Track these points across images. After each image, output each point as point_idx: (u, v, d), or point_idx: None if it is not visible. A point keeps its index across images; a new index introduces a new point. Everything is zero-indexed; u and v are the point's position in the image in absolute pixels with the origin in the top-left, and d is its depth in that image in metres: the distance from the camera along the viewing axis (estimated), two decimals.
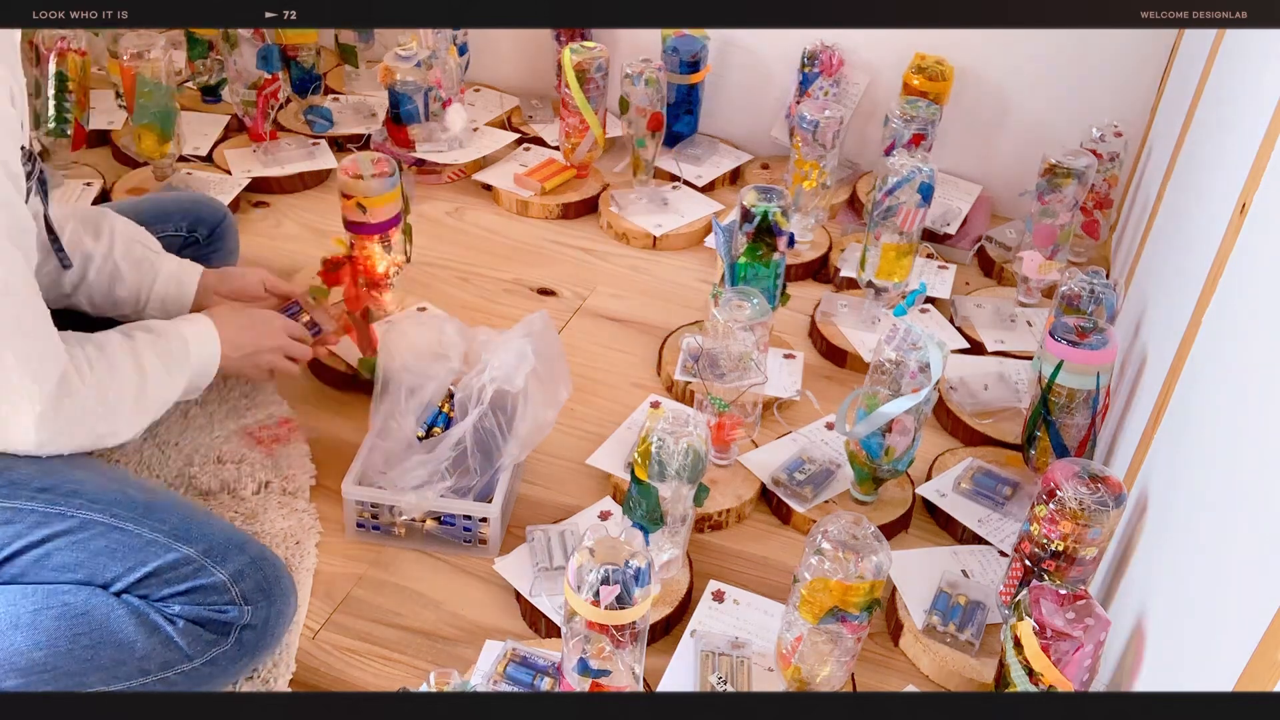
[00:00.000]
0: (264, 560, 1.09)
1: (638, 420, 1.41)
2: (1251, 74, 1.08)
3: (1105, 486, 1.00)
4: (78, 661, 1.02)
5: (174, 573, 1.04)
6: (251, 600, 1.06)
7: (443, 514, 1.23)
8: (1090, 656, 0.90)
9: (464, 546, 1.25)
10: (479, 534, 1.24)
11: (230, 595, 1.06)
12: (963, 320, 1.62)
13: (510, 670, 1.08)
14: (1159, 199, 1.44)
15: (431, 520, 1.24)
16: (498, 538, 1.24)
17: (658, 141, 1.83)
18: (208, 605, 1.05)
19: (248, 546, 1.09)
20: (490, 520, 1.22)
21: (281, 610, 1.09)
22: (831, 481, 1.33)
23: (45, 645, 1.01)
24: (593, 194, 1.88)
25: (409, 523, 1.24)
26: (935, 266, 1.75)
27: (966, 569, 1.23)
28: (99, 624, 1.02)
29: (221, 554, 1.06)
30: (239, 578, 1.06)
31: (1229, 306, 0.92)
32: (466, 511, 1.22)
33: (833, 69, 1.88)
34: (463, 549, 1.25)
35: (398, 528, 1.25)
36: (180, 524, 1.07)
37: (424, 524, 1.24)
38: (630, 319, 1.64)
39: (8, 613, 1.02)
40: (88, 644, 1.02)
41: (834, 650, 1.03)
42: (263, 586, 1.07)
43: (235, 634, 1.06)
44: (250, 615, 1.06)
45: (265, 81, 1.84)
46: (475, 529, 1.23)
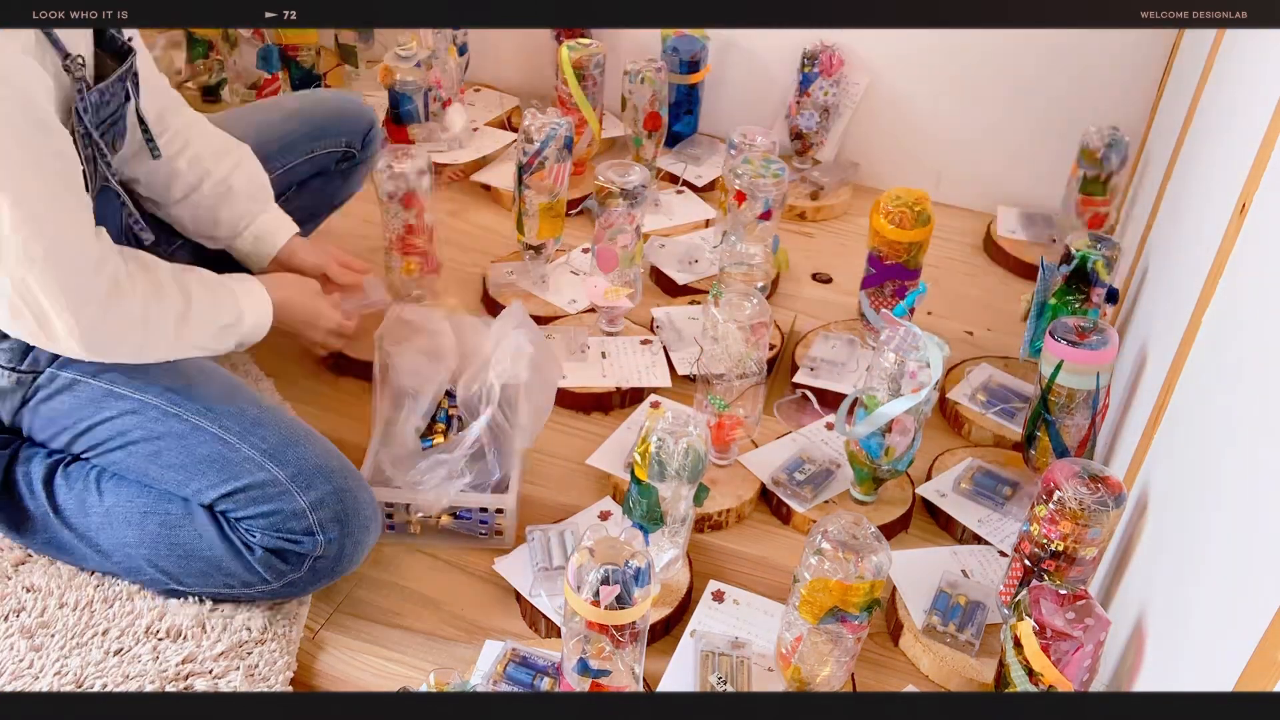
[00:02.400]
0: (346, 492, 1.13)
1: (638, 420, 1.41)
2: (1251, 74, 1.08)
3: (1105, 486, 1.01)
4: (175, 564, 1.13)
5: (259, 491, 1.11)
6: (326, 529, 1.11)
7: (459, 509, 1.24)
8: (1090, 656, 0.90)
9: (480, 539, 1.26)
10: (495, 525, 1.25)
11: (307, 522, 1.11)
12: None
13: (510, 670, 1.08)
14: (1159, 199, 1.44)
15: (447, 516, 1.25)
16: (513, 528, 1.25)
17: (656, 141, 1.83)
18: (285, 533, 1.11)
19: (334, 476, 1.13)
20: (506, 511, 1.24)
21: (358, 541, 1.14)
22: (831, 481, 1.33)
23: (149, 545, 1.13)
24: (589, 193, 1.88)
25: (424, 520, 1.25)
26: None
27: (966, 569, 1.23)
28: (192, 538, 1.12)
29: (307, 480, 1.12)
30: (318, 505, 1.11)
31: (1229, 306, 0.92)
32: (482, 504, 1.23)
33: (832, 69, 1.88)
34: (478, 541, 1.26)
35: (413, 526, 1.25)
36: (278, 444, 1.13)
37: (439, 520, 1.25)
38: (630, 318, 1.64)
39: (123, 509, 1.14)
40: (182, 554, 1.13)
41: (834, 650, 1.03)
42: (339, 517, 1.12)
43: (309, 563, 1.12)
44: (323, 546, 1.12)
45: (265, 81, 1.84)
46: (492, 521, 1.25)
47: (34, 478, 1.17)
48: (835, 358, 1.52)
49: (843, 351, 1.53)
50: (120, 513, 1.14)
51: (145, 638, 1.10)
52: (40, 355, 1.15)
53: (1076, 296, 1.32)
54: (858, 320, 1.58)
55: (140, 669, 1.07)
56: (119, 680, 1.06)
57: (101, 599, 1.14)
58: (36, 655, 1.07)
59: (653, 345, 1.52)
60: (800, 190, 1.92)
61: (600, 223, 1.46)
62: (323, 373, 1.48)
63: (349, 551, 1.14)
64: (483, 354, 1.28)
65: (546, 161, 1.51)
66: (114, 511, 1.14)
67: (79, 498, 1.15)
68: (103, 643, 1.10)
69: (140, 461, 1.14)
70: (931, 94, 1.85)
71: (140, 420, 1.14)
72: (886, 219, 1.43)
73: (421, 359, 1.32)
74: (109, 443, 1.15)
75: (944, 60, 1.85)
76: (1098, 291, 1.32)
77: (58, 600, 1.13)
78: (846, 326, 1.60)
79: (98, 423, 1.15)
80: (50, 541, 1.17)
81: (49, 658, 1.07)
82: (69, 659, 1.07)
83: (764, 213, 1.55)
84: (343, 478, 1.14)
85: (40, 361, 1.15)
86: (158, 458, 1.13)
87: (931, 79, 1.85)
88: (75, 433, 1.16)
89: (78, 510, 1.15)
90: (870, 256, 1.48)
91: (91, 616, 1.12)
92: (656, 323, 1.57)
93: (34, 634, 1.10)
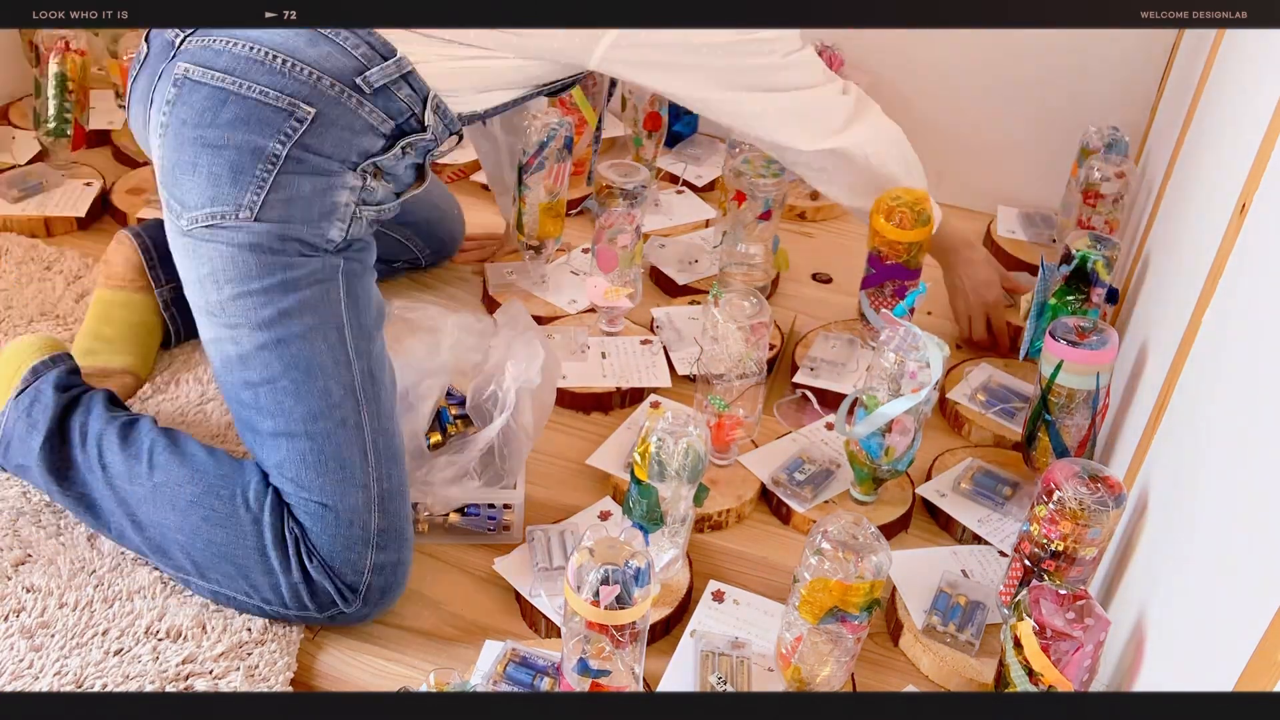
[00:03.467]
0: (402, 565, 1.14)
1: (638, 420, 1.41)
2: (1251, 74, 1.08)
3: (1105, 486, 1.01)
4: (206, 558, 1.12)
5: (347, 528, 1.10)
6: (369, 596, 1.12)
7: (466, 506, 1.24)
8: (1090, 656, 0.90)
9: (488, 535, 1.26)
10: (503, 521, 1.25)
11: (359, 580, 1.10)
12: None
13: (510, 670, 1.08)
14: (1159, 199, 1.44)
15: (454, 514, 1.25)
16: (521, 523, 1.25)
17: (656, 141, 1.83)
18: (337, 575, 1.10)
19: (404, 547, 1.13)
20: (514, 506, 1.24)
21: (384, 610, 1.15)
22: (831, 481, 1.33)
23: (187, 533, 1.11)
24: (589, 192, 1.88)
25: (431, 518, 1.25)
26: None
27: (966, 569, 1.23)
28: (231, 540, 1.11)
29: (386, 541, 1.11)
30: (379, 570, 1.11)
31: (1229, 306, 0.92)
32: (491, 500, 1.24)
33: (833, 69, 1.87)
34: (487, 537, 1.26)
35: (420, 524, 1.25)
36: (390, 490, 1.13)
37: (446, 518, 1.25)
38: (630, 318, 1.64)
39: (171, 490, 1.12)
40: (217, 552, 1.11)
41: (834, 650, 1.03)
42: (385, 587, 1.13)
43: (332, 612, 1.11)
44: (357, 608, 1.12)
45: None
46: (500, 516, 1.25)
47: (90, 429, 1.16)
48: (835, 358, 1.52)
49: (843, 351, 1.53)
50: (167, 493, 1.13)
51: (145, 638, 1.10)
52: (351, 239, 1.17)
53: (1076, 296, 1.32)
54: (858, 320, 1.58)
55: (140, 669, 1.07)
56: (119, 680, 1.06)
57: (101, 599, 1.14)
58: (36, 655, 1.08)
59: (653, 345, 1.52)
60: (800, 190, 1.92)
61: (600, 223, 1.46)
62: None
63: (373, 616, 1.15)
64: (494, 357, 1.28)
65: (546, 162, 1.51)
66: (161, 489, 1.13)
67: (127, 464, 1.15)
68: (103, 643, 1.10)
69: (294, 404, 1.11)
70: (931, 94, 1.85)
71: (333, 372, 1.12)
72: (886, 219, 1.43)
73: (422, 359, 1.32)
74: (291, 368, 1.11)
75: (944, 60, 1.84)
76: (1098, 291, 1.31)
77: (58, 600, 1.13)
78: (846, 326, 1.60)
79: (305, 336, 1.12)
80: (84, 499, 1.17)
81: (49, 658, 1.07)
82: (69, 659, 1.07)
83: (764, 213, 1.55)
84: (409, 549, 1.14)
85: (342, 246, 1.17)
86: (308, 413, 1.11)
87: (931, 79, 1.85)
88: (280, 312, 1.12)
89: (124, 474, 1.15)
90: (870, 256, 1.48)
91: (91, 616, 1.12)
92: (656, 323, 1.57)
93: (34, 634, 1.10)
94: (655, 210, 1.83)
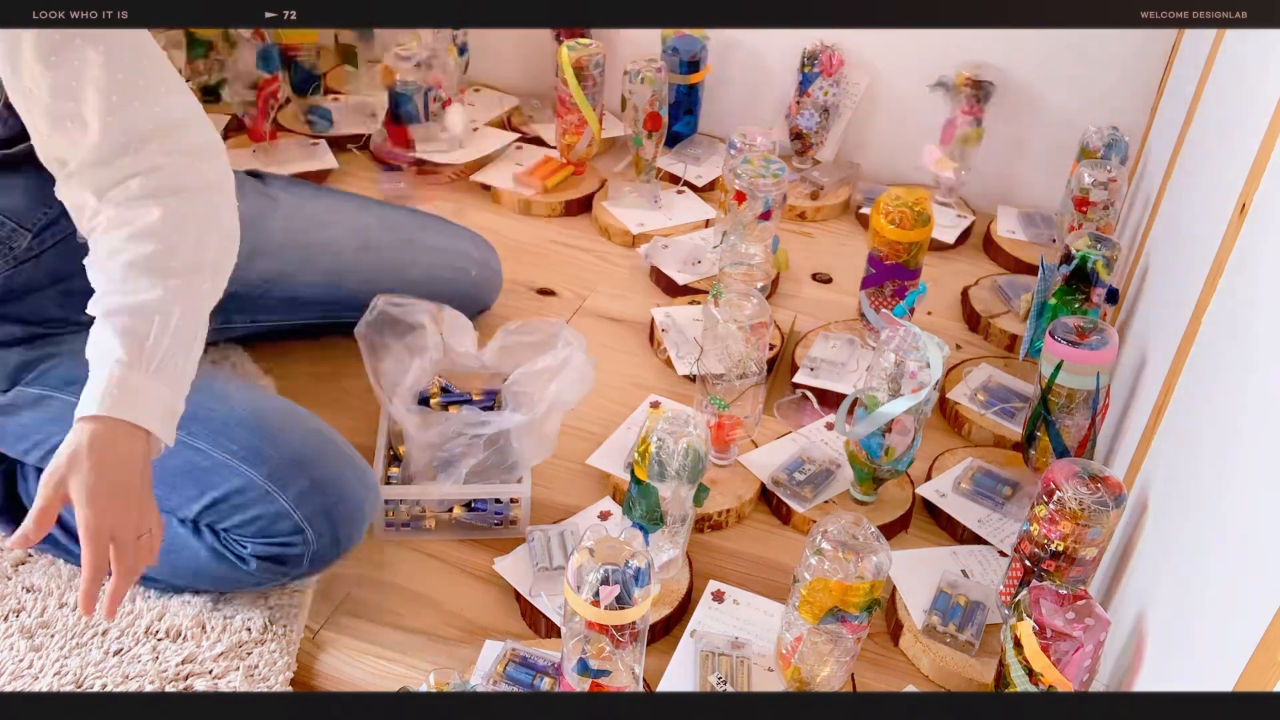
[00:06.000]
0: (327, 481, 1.09)
1: (638, 420, 1.41)
2: (1251, 74, 1.08)
3: (1105, 486, 1.00)
4: (173, 576, 1.12)
5: (239, 498, 1.07)
6: (314, 524, 1.08)
7: (473, 500, 1.25)
8: (1090, 656, 0.90)
9: (494, 529, 1.26)
10: (510, 515, 1.26)
11: (293, 521, 1.07)
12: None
13: (510, 670, 1.08)
14: (1159, 199, 1.44)
15: (460, 508, 1.25)
16: (527, 517, 1.26)
17: (656, 141, 1.83)
18: (274, 537, 1.08)
19: (312, 466, 1.09)
20: (521, 500, 1.24)
21: (353, 525, 1.11)
22: (831, 481, 1.33)
23: (153, 564, 1.05)
24: (590, 191, 1.88)
25: (438, 514, 1.25)
26: (954, 215, 1.88)
27: (966, 569, 1.23)
28: (188, 558, 1.10)
29: (284, 477, 1.07)
30: (300, 501, 1.07)
31: (1229, 306, 0.92)
32: (496, 495, 1.24)
33: (833, 69, 1.88)
34: (493, 532, 1.26)
35: (428, 520, 1.25)
36: (250, 444, 1.08)
37: (452, 513, 1.25)
38: (631, 319, 1.64)
39: None
40: (186, 570, 1.11)
41: (834, 650, 1.03)
42: (324, 509, 1.09)
43: (306, 560, 1.09)
44: (315, 541, 1.08)
45: (265, 81, 1.83)
46: (506, 510, 1.25)
47: (34, 493, 1.15)
48: (835, 358, 1.52)
49: (843, 351, 1.53)
50: None
51: (145, 638, 1.10)
52: (8, 372, 1.13)
53: (1076, 296, 1.32)
54: (858, 320, 1.58)
55: (140, 669, 1.07)
56: (119, 680, 1.06)
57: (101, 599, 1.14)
58: (36, 655, 1.08)
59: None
60: (800, 190, 1.92)
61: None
62: (323, 371, 1.48)
63: (344, 540, 1.11)
64: (543, 363, 1.29)
65: None
66: None
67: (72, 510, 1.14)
68: (102, 643, 1.10)
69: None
70: (932, 94, 1.85)
71: None
72: (886, 219, 1.43)
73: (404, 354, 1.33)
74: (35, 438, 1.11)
75: (944, 60, 1.84)
76: (1098, 291, 1.31)
77: (58, 600, 1.13)
78: (846, 326, 1.60)
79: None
80: (56, 544, 1.18)
81: (49, 658, 1.07)
82: (69, 659, 1.07)
83: (764, 213, 1.55)
84: (322, 465, 1.10)
85: (4, 378, 1.12)
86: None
87: (932, 79, 1.85)
88: (45, 448, 1.09)
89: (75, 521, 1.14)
90: (870, 256, 1.48)
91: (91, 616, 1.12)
92: (660, 326, 1.57)
93: (34, 634, 1.10)
94: (655, 210, 1.83)
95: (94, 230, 1.01)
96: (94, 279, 1.00)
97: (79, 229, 1.04)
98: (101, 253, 1.00)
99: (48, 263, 1.13)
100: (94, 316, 0.98)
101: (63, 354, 1.14)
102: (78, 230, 1.04)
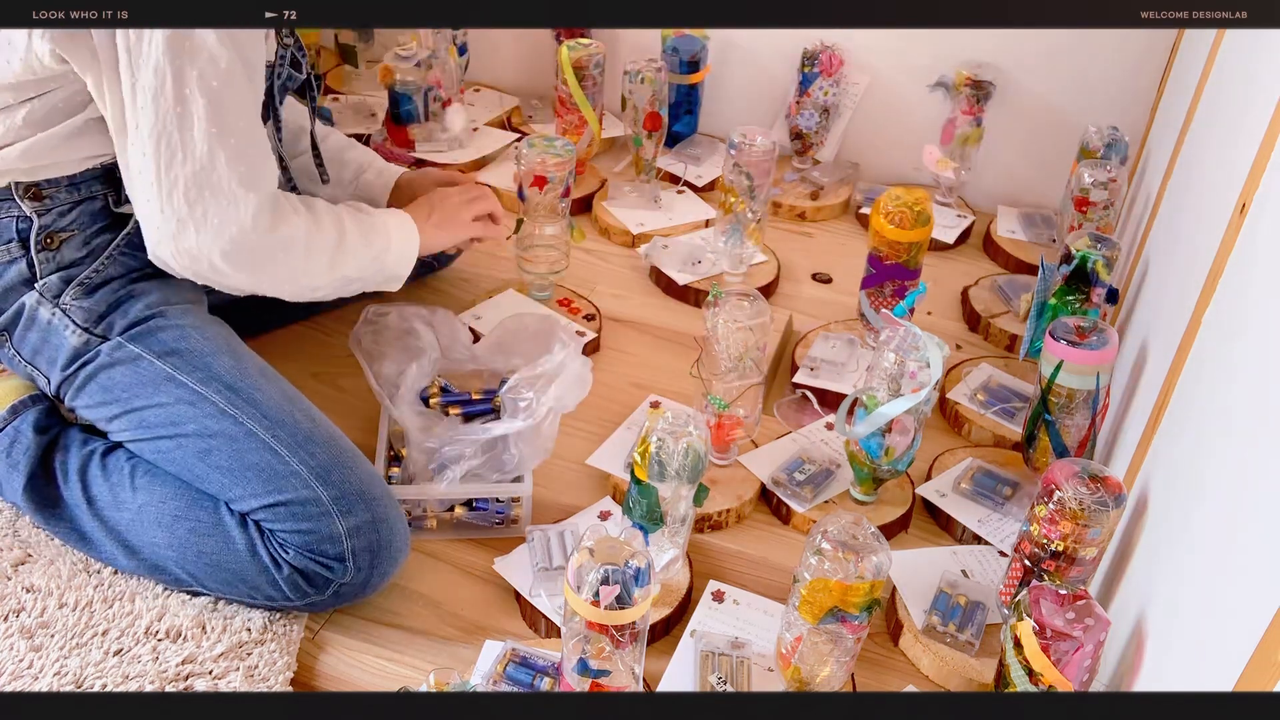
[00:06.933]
0: (383, 522, 1.13)
1: (638, 420, 1.41)
2: (1251, 74, 1.08)
3: (1105, 486, 1.00)
4: (201, 570, 1.13)
5: (300, 509, 1.11)
6: (358, 558, 1.12)
7: (474, 500, 1.25)
8: (1090, 656, 0.90)
9: (494, 529, 1.27)
10: (510, 515, 1.26)
11: (341, 549, 1.11)
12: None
13: (510, 670, 1.08)
14: (1159, 199, 1.44)
15: (461, 508, 1.25)
16: (528, 517, 1.26)
17: (656, 141, 1.83)
18: (318, 555, 1.11)
19: (375, 504, 1.13)
20: (521, 499, 1.25)
21: (385, 572, 1.15)
22: (831, 481, 1.33)
23: (177, 549, 1.13)
24: (590, 191, 1.88)
25: (439, 514, 1.26)
26: (954, 215, 1.88)
27: (966, 569, 1.23)
28: (220, 548, 1.12)
29: (349, 505, 1.12)
30: (355, 532, 1.11)
31: (1229, 306, 0.92)
32: (497, 494, 1.24)
33: (833, 69, 1.88)
34: (495, 531, 1.27)
35: (429, 520, 1.25)
36: (326, 464, 1.13)
37: (453, 513, 1.25)
38: (630, 319, 1.64)
39: (155, 509, 1.14)
40: (209, 562, 1.13)
41: (834, 650, 1.03)
42: (373, 547, 1.12)
43: (334, 588, 1.12)
44: (352, 574, 1.12)
45: None
46: (507, 510, 1.26)
47: (70, 466, 1.18)
48: (835, 358, 1.52)
49: (843, 351, 1.53)
50: (152, 513, 1.14)
51: (145, 638, 1.10)
52: (114, 321, 1.16)
53: (1076, 296, 1.32)
54: (858, 320, 1.58)
55: (140, 669, 1.07)
56: (119, 680, 1.06)
57: (101, 599, 1.14)
58: (36, 655, 1.08)
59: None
60: (800, 190, 1.92)
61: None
62: (326, 374, 1.48)
63: (375, 581, 1.14)
64: (544, 367, 1.30)
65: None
66: (145, 510, 1.14)
67: (113, 490, 1.16)
68: (102, 643, 1.10)
69: (188, 456, 1.14)
70: (932, 94, 1.85)
71: (195, 413, 1.14)
72: (886, 219, 1.43)
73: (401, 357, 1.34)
74: (158, 429, 1.15)
75: (944, 60, 1.84)
76: (1098, 291, 1.31)
77: (58, 600, 1.13)
78: (846, 326, 1.60)
79: (151, 405, 1.15)
80: (75, 531, 1.18)
81: (49, 658, 1.07)
82: (69, 659, 1.07)
83: (564, 190, 1.54)
84: (383, 506, 1.14)
85: (113, 328, 1.16)
86: (207, 456, 1.13)
87: (931, 79, 1.85)
88: (126, 409, 1.15)
89: (110, 503, 1.16)
90: (870, 256, 1.48)
91: (91, 617, 1.12)
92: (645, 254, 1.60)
93: (34, 634, 1.10)
94: (655, 209, 1.83)
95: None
96: None
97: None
98: None
99: None
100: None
101: (170, 323, 1.19)
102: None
